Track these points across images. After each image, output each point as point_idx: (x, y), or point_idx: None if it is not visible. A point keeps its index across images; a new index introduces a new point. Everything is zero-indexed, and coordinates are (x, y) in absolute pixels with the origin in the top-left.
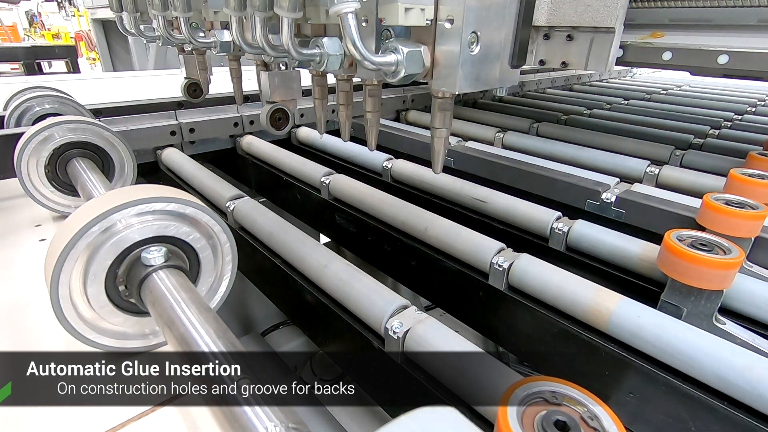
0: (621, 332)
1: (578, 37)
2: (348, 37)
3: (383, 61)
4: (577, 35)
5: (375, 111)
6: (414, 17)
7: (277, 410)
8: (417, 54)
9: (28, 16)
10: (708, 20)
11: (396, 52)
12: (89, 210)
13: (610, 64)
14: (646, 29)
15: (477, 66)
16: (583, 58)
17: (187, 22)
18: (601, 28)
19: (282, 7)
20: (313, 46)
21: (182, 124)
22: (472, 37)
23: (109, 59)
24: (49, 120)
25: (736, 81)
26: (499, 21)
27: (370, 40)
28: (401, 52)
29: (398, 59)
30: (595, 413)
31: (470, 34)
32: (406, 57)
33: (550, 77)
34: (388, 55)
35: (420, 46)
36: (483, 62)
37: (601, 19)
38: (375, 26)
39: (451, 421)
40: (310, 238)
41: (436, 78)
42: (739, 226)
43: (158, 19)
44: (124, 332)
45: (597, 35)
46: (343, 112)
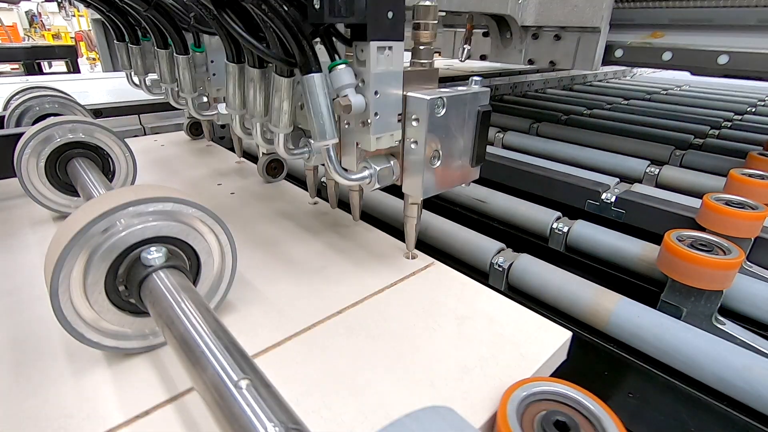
0: (621, 332)
1: (566, 36)
2: (330, 164)
3: (359, 177)
4: (564, 35)
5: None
6: (384, 142)
7: (277, 410)
8: (387, 170)
9: (28, 16)
10: (708, 20)
11: (369, 168)
12: (89, 210)
13: (597, 63)
14: (646, 29)
15: (439, 175)
16: (570, 57)
17: (193, 100)
18: (588, 28)
19: (278, 126)
20: (302, 145)
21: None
22: (434, 153)
23: (109, 59)
24: (49, 120)
25: (736, 81)
26: (458, 137)
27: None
28: (374, 169)
29: (371, 174)
30: (595, 413)
31: (432, 152)
32: (378, 173)
33: (544, 78)
34: (363, 170)
35: (391, 159)
36: (444, 171)
37: (588, 19)
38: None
39: (451, 421)
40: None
41: (405, 185)
42: (739, 227)
43: (168, 92)
44: (124, 332)
45: (584, 35)
46: (331, 184)
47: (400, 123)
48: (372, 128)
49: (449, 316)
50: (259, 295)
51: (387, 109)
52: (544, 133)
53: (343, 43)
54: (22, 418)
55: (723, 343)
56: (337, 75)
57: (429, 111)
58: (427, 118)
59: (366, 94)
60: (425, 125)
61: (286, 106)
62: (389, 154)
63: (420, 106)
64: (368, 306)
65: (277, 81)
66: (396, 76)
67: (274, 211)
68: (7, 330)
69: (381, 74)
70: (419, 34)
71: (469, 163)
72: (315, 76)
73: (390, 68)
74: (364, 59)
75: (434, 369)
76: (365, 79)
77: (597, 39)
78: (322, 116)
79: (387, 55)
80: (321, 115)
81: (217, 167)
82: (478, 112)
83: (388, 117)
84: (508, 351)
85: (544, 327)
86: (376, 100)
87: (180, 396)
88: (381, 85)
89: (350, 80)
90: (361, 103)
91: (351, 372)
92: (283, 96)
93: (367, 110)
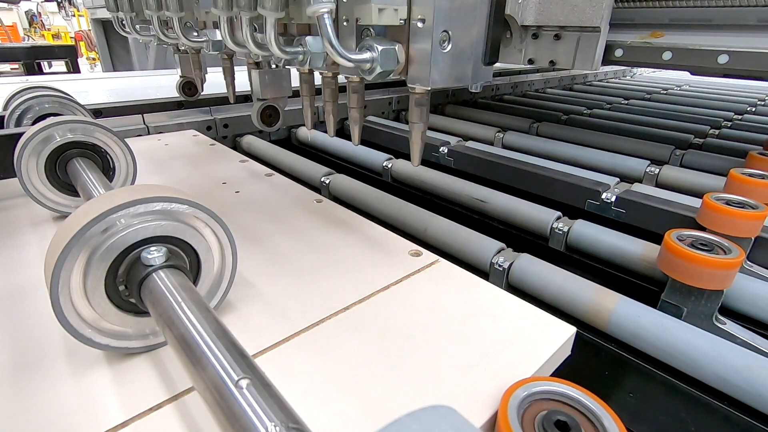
0: (621, 332)
1: (566, 36)
2: (324, 36)
3: (359, 58)
4: (564, 34)
5: (358, 107)
6: (387, 17)
7: (277, 410)
8: (391, 51)
9: (28, 16)
10: (708, 20)
11: (371, 50)
12: (89, 210)
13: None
14: (646, 29)
15: (449, 63)
16: (570, 57)
17: (180, 21)
18: (588, 28)
19: (265, 7)
20: (296, 45)
21: (216, 119)
22: (443, 35)
23: (109, 59)
24: (49, 120)
25: (736, 81)
26: (469, 20)
27: (351, 40)
28: (376, 50)
29: (373, 56)
30: (596, 413)
31: (441, 33)
32: (380, 54)
33: (545, 78)
34: (364, 52)
35: (395, 44)
36: (455, 60)
37: (588, 18)
38: (355, 26)
39: (452, 421)
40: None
41: (410, 74)
42: (740, 226)
43: (153, 19)
44: (124, 332)
45: (583, 34)
46: (329, 108)
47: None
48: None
49: (453, 314)
50: (259, 295)
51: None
52: (544, 133)
53: None
54: (22, 419)
55: (723, 343)
56: None
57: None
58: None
59: None
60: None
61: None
62: (392, 40)
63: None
64: (372, 304)
65: None
66: None
67: (277, 210)
68: (7, 330)
69: None
70: None
71: (480, 59)
72: None
73: None
74: None
75: (437, 367)
76: None
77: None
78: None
79: None
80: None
81: (221, 166)
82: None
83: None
84: (512, 347)
85: (549, 323)
86: None
87: (180, 396)
88: None
89: None
90: None
91: (352, 370)
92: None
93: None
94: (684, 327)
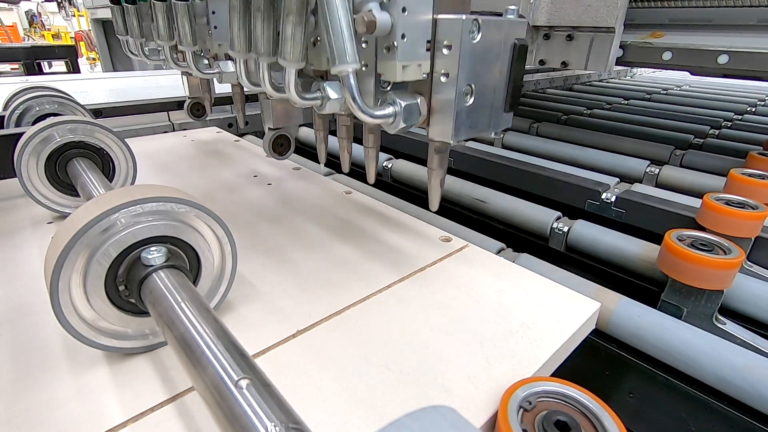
0: (621, 332)
1: (578, 37)
2: (348, 93)
3: (381, 114)
4: (577, 35)
5: (374, 147)
6: (411, 73)
7: (277, 410)
8: (414, 106)
9: (28, 16)
10: (708, 20)
11: (394, 105)
12: (89, 210)
13: (610, 64)
14: (646, 29)
15: (471, 115)
16: (583, 58)
17: (192, 54)
18: (601, 28)
19: (287, 59)
20: (314, 90)
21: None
22: (466, 89)
23: (109, 59)
24: (49, 120)
25: (736, 81)
26: (492, 72)
27: (369, 82)
28: (399, 105)
29: (396, 111)
30: (596, 413)
31: (465, 87)
32: (403, 109)
33: (547, 77)
34: (387, 107)
35: (417, 97)
36: (477, 111)
37: (601, 19)
38: (374, 71)
39: (451, 421)
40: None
41: (432, 126)
42: (740, 226)
43: (165, 48)
44: (124, 332)
45: (597, 35)
46: (344, 145)
47: (428, 53)
48: (398, 53)
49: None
50: (258, 294)
51: (415, 33)
52: (544, 133)
53: None
54: (22, 418)
55: (723, 343)
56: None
57: (463, 35)
58: (461, 44)
59: (392, 11)
60: (458, 52)
61: (299, 34)
62: (414, 92)
63: (453, 29)
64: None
65: (289, 3)
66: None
67: (310, 202)
68: (8, 330)
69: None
70: None
71: (501, 107)
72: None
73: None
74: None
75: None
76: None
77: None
78: (341, 35)
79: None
80: (341, 34)
81: (249, 161)
82: (514, 44)
83: (415, 43)
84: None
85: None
86: (403, 19)
87: (180, 395)
88: (410, 1)
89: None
90: (387, 22)
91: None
92: (295, 20)
93: (392, 31)
94: (684, 327)
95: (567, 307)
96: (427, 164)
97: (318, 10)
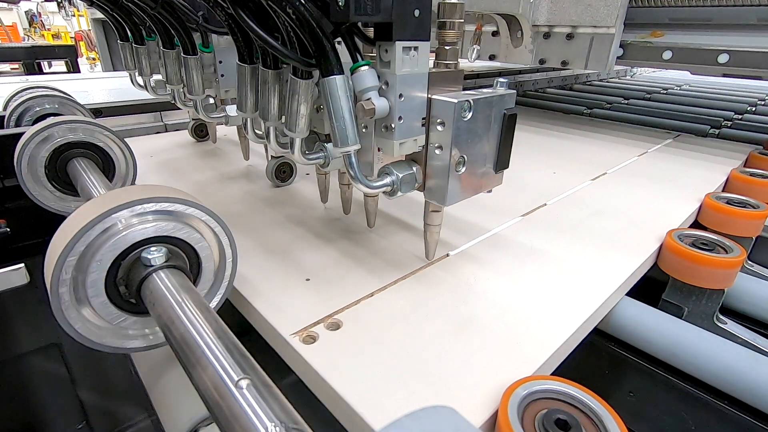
0: (622, 331)
1: (578, 36)
2: (350, 170)
3: (380, 184)
4: (577, 35)
5: (374, 198)
6: (408, 148)
7: (277, 410)
8: (410, 176)
9: (28, 16)
10: (708, 19)
11: (391, 175)
12: (89, 210)
13: (611, 64)
14: (646, 29)
15: (464, 181)
16: (583, 57)
17: (201, 102)
18: (601, 28)
19: (293, 131)
20: (317, 149)
21: None
22: (459, 159)
23: (109, 59)
24: (49, 120)
25: (736, 80)
26: (483, 141)
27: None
28: (396, 176)
29: (393, 181)
30: (596, 411)
31: (458, 157)
32: (401, 180)
33: (547, 77)
34: (385, 177)
35: (413, 166)
36: (469, 177)
37: (601, 18)
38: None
39: (451, 421)
40: None
41: (428, 192)
42: (741, 225)
43: (174, 92)
44: (125, 332)
45: (597, 35)
46: (344, 189)
47: (423, 128)
48: (396, 133)
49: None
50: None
51: (411, 113)
52: None
53: (365, 42)
54: None
55: (724, 342)
56: (360, 77)
57: (455, 115)
58: (453, 122)
59: (390, 97)
60: (451, 130)
61: (304, 109)
62: (411, 160)
63: (446, 109)
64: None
65: (294, 83)
66: (421, 78)
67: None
68: None
69: (406, 76)
70: (445, 33)
71: (492, 169)
72: (337, 78)
73: (415, 70)
74: (388, 60)
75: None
76: (389, 82)
77: (611, 39)
78: (344, 120)
79: (412, 55)
80: (343, 120)
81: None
82: (504, 115)
83: (411, 121)
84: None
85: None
86: (400, 104)
87: None
88: (406, 88)
89: (374, 82)
90: (385, 107)
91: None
92: (301, 99)
93: (390, 114)
94: (685, 326)
95: (568, 306)
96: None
97: (321, 96)
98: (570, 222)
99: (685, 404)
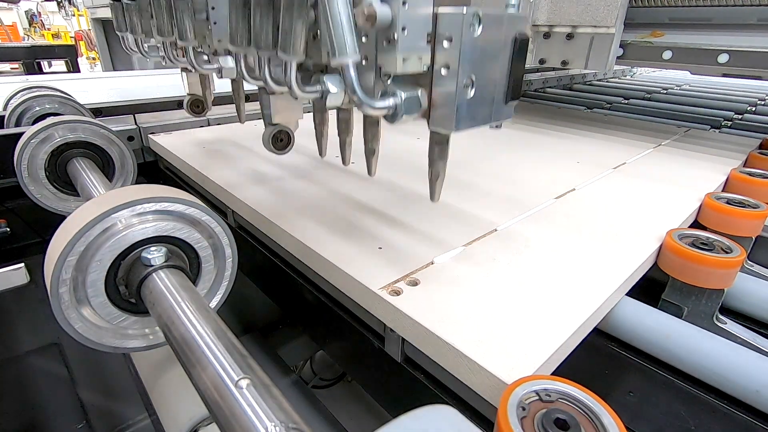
0: (621, 331)
1: (578, 36)
2: (348, 85)
3: (382, 105)
4: (577, 34)
5: (376, 139)
6: (412, 65)
7: (277, 410)
8: (415, 98)
9: (28, 15)
10: (708, 19)
11: (395, 96)
12: (89, 210)
13: (610, 64)
14: (646, 29)
15: (472, 107)
16: (583, 57)
17: (192, 50)
18: (601, 28)
19: (288, 53)
20: (314, 83)
21: None
22: (467, 81)
23: (109, 59)
24: (49, 120)
25: (736, 80)
26: (493, 63)
27: (369, 76)
28: (400, 97)
29: (397, 103)
30: (595, 411)
31: (466, 79)
32: (404, 101)
33: (545, 77)
34: (388, 99)
35: (418, 89)
36: (478, 103)
37: (601, 18)
38: (375, 64)
39: (451, 421)
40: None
41: (432, 118)
42: (740, 225)
43: (165, 44)
44: (125, 332)
45: (597, 34)
46: (344, 138)
47: (428, 46)
48: (399, 45)
49: None
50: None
51: (415, 26)
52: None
53: None
54: None
55: (724, 342)
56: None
57: (464, 29)
58: (462, 37)
59: (392, 4)
60: (459, 45)
61: (299, 27)
62: (415, 84)
63: (454, 22)
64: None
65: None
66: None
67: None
68: None
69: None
70: None
71: (502, 99)
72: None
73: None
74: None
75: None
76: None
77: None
78: (341, 27)
79: None
80: (340, 26)
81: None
82: (515, 39)
83: (416, 35)
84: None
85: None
86: (404, 12)
87: None
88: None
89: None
90: (387, 14)
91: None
92: (295, 15)
93: (393, 24)
94: (684, 326)
95: (567, 306)
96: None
97: (317, 3)
98: (568, 221)
99: (685, 404)
